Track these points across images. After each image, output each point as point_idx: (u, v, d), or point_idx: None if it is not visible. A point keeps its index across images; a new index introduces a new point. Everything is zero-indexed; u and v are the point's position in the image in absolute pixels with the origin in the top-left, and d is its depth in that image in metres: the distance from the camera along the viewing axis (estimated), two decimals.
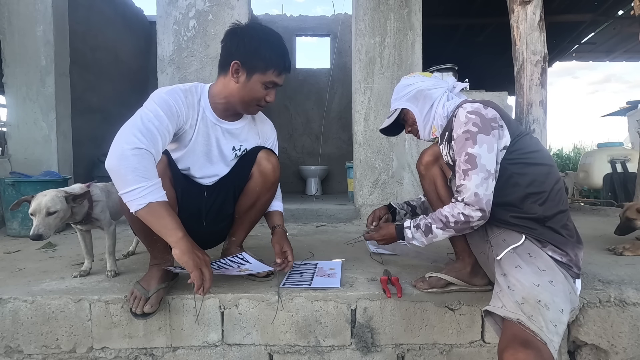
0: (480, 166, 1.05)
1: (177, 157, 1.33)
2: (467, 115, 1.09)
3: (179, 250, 1.06)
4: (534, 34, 2.01)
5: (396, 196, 2.94)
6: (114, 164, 1.04)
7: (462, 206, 1.07)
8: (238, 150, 1.42)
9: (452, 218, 1.09)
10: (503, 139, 1.10)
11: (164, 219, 1.06)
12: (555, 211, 1.08)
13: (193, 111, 1.29)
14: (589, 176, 4.74)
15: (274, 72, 1.25)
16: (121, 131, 1.09)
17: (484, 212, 1.05)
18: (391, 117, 1.36)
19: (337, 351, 1.28)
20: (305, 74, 5.59)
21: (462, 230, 1.10)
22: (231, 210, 1.48)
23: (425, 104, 1.26)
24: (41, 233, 1.25)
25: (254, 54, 1.22)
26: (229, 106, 1.33)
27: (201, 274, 1.07)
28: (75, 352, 1.26)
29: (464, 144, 1.08)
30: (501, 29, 3.80)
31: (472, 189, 1.05)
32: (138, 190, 1.02)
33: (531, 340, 0.85)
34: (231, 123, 1.39)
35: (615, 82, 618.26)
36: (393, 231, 1.25)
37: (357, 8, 2.96)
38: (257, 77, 1.24)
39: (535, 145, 1.14)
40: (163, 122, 1.15)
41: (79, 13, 3.78)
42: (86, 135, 3.87)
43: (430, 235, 1.14)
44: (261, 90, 1.26)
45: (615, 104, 66.92)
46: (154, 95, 1.21)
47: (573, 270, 1.05)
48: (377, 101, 2.93)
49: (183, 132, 1.28)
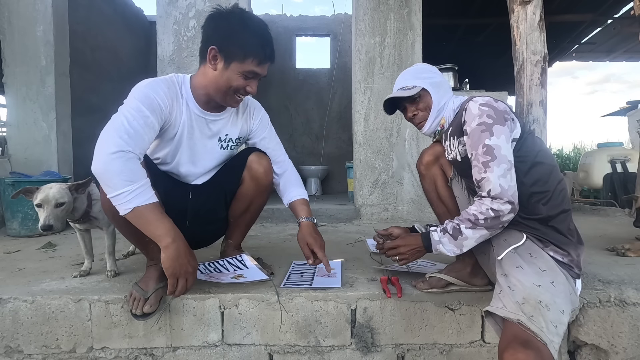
0: (500, 157, 1.02)
1: (161, 155, 1.30)
2: (480, 108, 1.07)
3: (165, 255, 1.06)
4: (534, 34, 2.01)
5: (396, 196, 2.94)
6: (99, 169, 1.03)
7: (490, 201, 1.01)
8: (224, 141, 1.38)
9: (482, 215, 1.02)
10: (514, 131, 1.08)
11: (151, 224, 1.05)
12: (558, 211, 1.07)
13: (177, 102, 1.24)
14: (589, 176, 4.73)
15: (253, 61, 1.17)
16: (104, 133, 1.06)
17: (513, 205, 1.01)
18: (410, 91, 1.22)
19: (337, 351, 1.28)
20: (305, 74, 5.58)
21: (493, 228, 1.03)
22: (222, 214, 1.46)
23: (444, 95, 1.24)
24: (51, 223, 1.28)
25: (232, 40, 1.15)
26: (210, 97, 1.26)
27: (175, 283, 1.09)
28: (75, 352, 1.26)
29: (479, 136, 1.05)
30: (501, 29, 3.80)
31: (496, 181, 1.01)
32: (124, 195, 1.01)
33: (531, 341, 0.85)
34: (216, 114, 1.33)
35: (615, 82, 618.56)
36: (420, 241, 1.13)
37: (357, 8, 2.96)
38: (235, 66, 1.17)
39: (539, 144, 1.14)
40: (147, 119, 1.12)
41: (79, 13, 3.78)
42: (86, 135, 3.85)
43: (459, 237, 1.05)
44: (240, 80, 1.18)
45: (614, 104, 66.93)
46: (134, 90, 1.16)
47: (574, 271, 1.05)
48: (377, 101, 2.93)
49: (168, 125, 1.24)
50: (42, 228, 1.27)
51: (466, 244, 1.06)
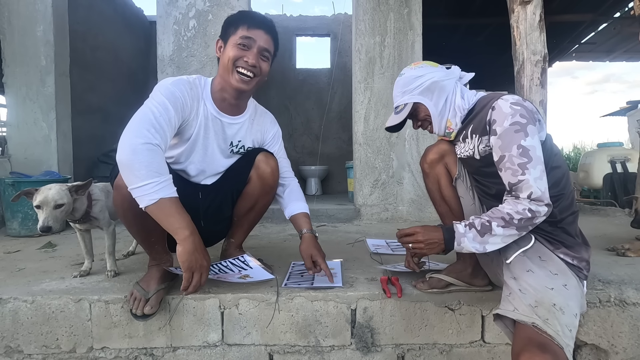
0: (536, 158, 0.98)
1: (175, 154, 1.31)
2: (511, 106, 1.02)
3: (182, 248, 1.05)
4: (534, 34, 2.01)
5: (396, 196, 2.94)
6: (126, 159, 1.02)
7: (528, 202, 0.96)
8: (235, 147, 1.40)
9: (517, 215, 0.96)
10: (541, 132, 1.05)
11: (173, 216, 1.05)
12: (568, 213, 1.07)
13: (197, 103, 1.27)
14: (589, 176, 4.73)
15: (243, 27, 1.23)
16: (131, 124, 1.07)
17: (550, 207, 0.97)
18: (402, 113, 1.19)
19: (337, 351, 1.28)
20: (305, 74, 5.58)
21: (523, 229, 0.98)
22: (229, 213, 1.47)
23: (440, 96, 1.16)
24: (50, 225, 1.28)
25: (228, 23, 1.27)
26: (225, 93, 1.30)
27: (191, 277, 1.07)
28: (75, 352, 1.26)
29: (513, 136, 0.99)
30: (501, 29, 3.79)
31: (534, 184, 0.96)
32: (151, 186, 1.01)
33: (548, 344, 0.84)
34: (232, 117, 1.36)
35: (614, 82, 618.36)
36: (441, 234, 1.05)
37: (357, 8, 2.96)
38: (231, 40, 1.24)
39: (555, 147, 1.12)
40: (171, 116, 1.14)
41: (79, 13, 3.78)
42: (86, 135, 3.87)
43: (487, 235, 0.98)
44: (236, 50, 1.23)
45: (614, 104, 66.86)
46: (160, 86, 1.19)
47: (583, 273, 1.05)
48: (377, 101, 2.93)
49: (186, 124, 1.26)
50: (41, 229, 1.27)
51: (492, 242, 0.99)
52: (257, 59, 1.24)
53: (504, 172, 1.02)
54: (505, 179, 1.02)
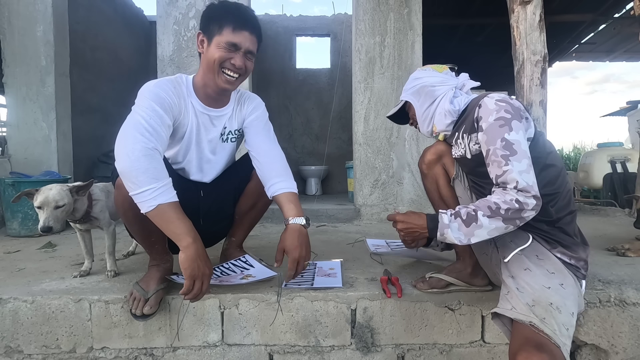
0: (521, 152, 0.97)
1: (171, 154, 1.31)
2: (496, 103, 1.04)
3: (185, 255, 1.04)
4: (534, 34, 2.01)
5: (396, 196, 2.94)
6: (125, 167, 1.02)
7: (515, 192, 0.94)
8: (224, 134, 1.38)
9: (504, 205, 0.94)
10: (528, 130, 1.05)
11: (173, 223, 1.04)
12: (565, 212, 1.07)
13: (183, 101, 1.26)
14: (589, 176, 4.73)
15: (228, 28, 1.18)
16: (124, 132, 1.07)
17: (539, 200, 0.95)
18: (397, 107, 1.32)
19: (337, 351, 1.28)
20: (305, 74, 5.58)
21: (511, 221, 0.95)
22: (231, 211, 1.47)
23: (425, 100, 1.22)
24: (51, 225, 1.28)
25: (211, 19, 1.21)
26: (208, 89, 1.27)
27: (192, 285, 1.06)
28: (75, 352, 1.26)
29: (498, 131, 1.00)
30: (501, 29, 3.79)
31: (519, 176, 0.95)
32: (149, 192, 1.01)
33: (545, 343, 0.84)
34: (218, 110, 1.34)
35: (614, 82, 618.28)
36: (424, 222, 1.03)
37: (357, 8, 2.96)
38: (215, 40, 1.19)
39: (549, 146, 1.12)
40: (162, 118, 1.13)
41: (79, 13, 3.78)
42: (86, 135, 3.87)
43: (473, 225, 0.96)
44: (222, 52, 1.19)
45: (614, 104, 66.76)
46: (143, 91, 1.17)
47: (580, 272, 1.05)
48: (377, 101, 2.93)
49: (177, 123, 1.25)
50: (41, 230, 1.27)
51: (477, 234, 0.96)
52: (244, 61, 1.23)
53: (490, 167, 1.02)
54: (492, 173, 1.02)
